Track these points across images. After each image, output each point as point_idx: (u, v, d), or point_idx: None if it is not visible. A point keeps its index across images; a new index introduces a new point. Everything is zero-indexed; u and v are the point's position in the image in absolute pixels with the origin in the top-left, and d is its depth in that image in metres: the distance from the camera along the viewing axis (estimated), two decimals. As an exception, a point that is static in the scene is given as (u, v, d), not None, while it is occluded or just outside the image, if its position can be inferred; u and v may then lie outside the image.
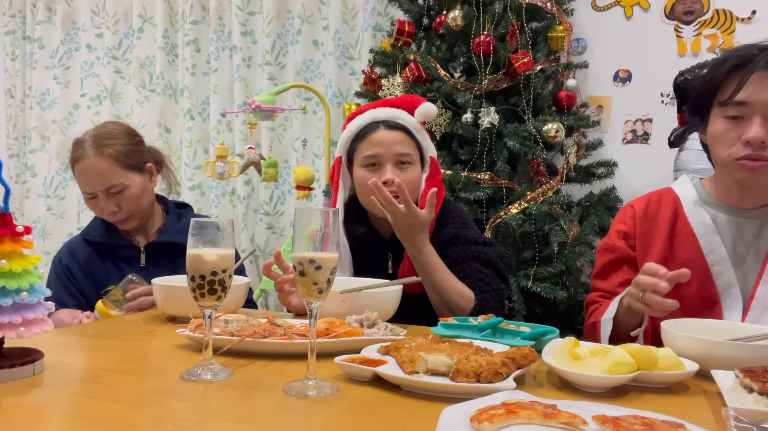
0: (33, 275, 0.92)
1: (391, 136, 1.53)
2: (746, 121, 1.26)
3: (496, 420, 0.66)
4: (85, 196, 1.79)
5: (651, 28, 2.61)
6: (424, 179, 1.58)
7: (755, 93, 1.24)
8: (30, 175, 3.71)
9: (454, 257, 1.50)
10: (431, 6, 2.47)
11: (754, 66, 1.25)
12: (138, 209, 1.79)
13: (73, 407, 0.80)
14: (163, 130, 3.34)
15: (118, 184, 1.73)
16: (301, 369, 0.96)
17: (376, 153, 1.52)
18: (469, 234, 1.54)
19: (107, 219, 1.79)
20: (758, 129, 1.23)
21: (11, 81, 3.83)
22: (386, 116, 1.57)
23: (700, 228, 1.36)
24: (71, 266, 1.78)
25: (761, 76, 1.24)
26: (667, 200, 1.43)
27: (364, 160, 1.54)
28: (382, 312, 1.26)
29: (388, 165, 1.52)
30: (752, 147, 1.24)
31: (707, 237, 1.35)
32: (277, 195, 3.15)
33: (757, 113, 1.24)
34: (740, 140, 1.26)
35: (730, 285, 1.32)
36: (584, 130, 2.45)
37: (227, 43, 3.21)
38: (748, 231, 1.34)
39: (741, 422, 0.71)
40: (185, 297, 1.17)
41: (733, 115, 1.27)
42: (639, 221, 1.45)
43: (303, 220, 0.88)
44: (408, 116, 1.58)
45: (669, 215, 1.41)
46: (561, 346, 0.98)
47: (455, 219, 1.58)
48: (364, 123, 1.58)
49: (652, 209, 1.44)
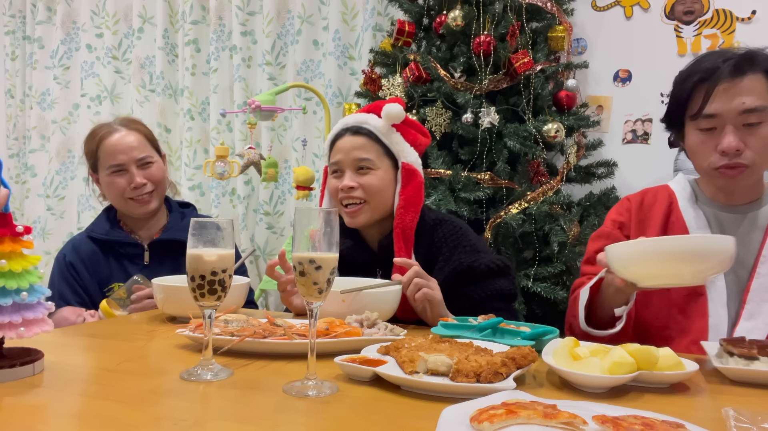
0: (33, 275, 0.92)
1: (353, 141, 1.53)
2: (718, 131, 1.30)
3: (496, 420, 0.66)
4: (111, 173, 1.79)
5: (651, 28, 2.61)
6: (398, 190, 1.52)
7: (723, 104, 1.28)
8: (30, 175, 3.71)
9: (474, 299, 1.45)
10: (431, 6, 2.47)
11: (718, 77, 1.29)
12: (161, 189, 1.86)
13: (73, 407, 0.80)
14: (163, 130, 3.34)
15: (149, 156, 1.82)
16: (301, 369, 0.96)
17: (337, 160, 1.54)
18: (482, 263, 1.46)
19: (131, 194, 1.79)
20: (731, 138, 1.27)
21: (11, 81, 3.83)
22: (353, 122, 1.56)
23: (693, 222, 1.40)
24: (75, 263, 1.79)
25: (726, 87, 1.28)
26: (662, 195, 1.48)
27: (330, 168, 1.57)
28: (382, 312, 1.26)
29: (348, 171, 1.52)
30: (728, 156, 1.29)
31: (699, 230, 1.39)
32: (277, 195, 3.15)
33: (728, 123, 1.28)
34: (716, 150, 1.30)
35: (716, 277, 1.35)
36: (584, 130, 2.45)
37: (227, 43, 3.21)
38: (738, 226, 1.38)
39: (741, 422, 0.71)
40: (185, 297, 1.17)
41: (706, 128, 1.32)
42: (635, 212, 1.48)
43: (303, 220, 0.88)
44: (375, 120, 1.54)
45: (664, 208, 1.45)
46: (561, 346, 0.98)
47: (462, 242, 1.50)
48: (336, 131, 1.59)
49: (648, 201, 1.49)
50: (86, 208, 3.50)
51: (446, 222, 1.55)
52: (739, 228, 1.37)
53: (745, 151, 1.28)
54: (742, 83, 1.27)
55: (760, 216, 1.36)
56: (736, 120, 1.28)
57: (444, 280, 1.43)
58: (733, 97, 1.27)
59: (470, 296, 1.45)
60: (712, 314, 1.33)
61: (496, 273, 1.47)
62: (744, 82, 1.27)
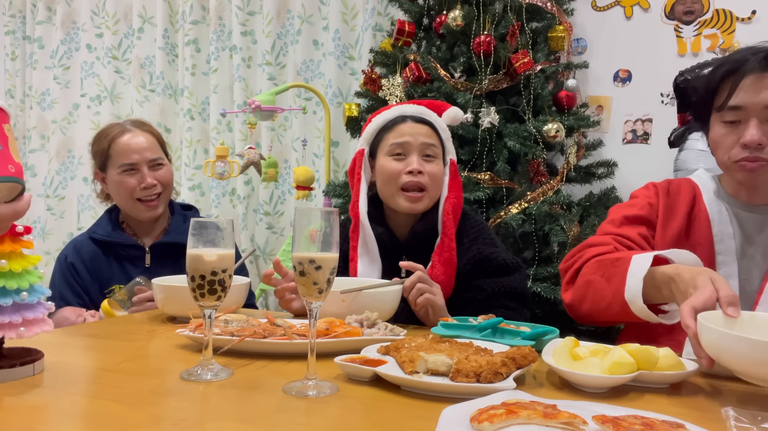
0: (33, 275, 0.92)
1: (419, 128, 1.56)
2: (743, 125, 1.28)
3: (496, 420, 0.66)
4: (121, 171, 1.79)
5: (651, 28, 2.61)
6: (446, 182, 1.58)
7: (749, 97, 1.26)
8: (30, 175, 3.71)
9: (486, 291, 1.48)
10: (431, 6, 2.47)
11: (745, 70, 1.27)
12: (169, 191, 1.87)
13: (73, 407, 0.80)
14: (163, 130, 3.34)
15: (160, 158, 1.84)
16: (301, 369, 0.96)
17: (403, 141, 1.53)
18: (498, 257, 1.51)
19: (140, 195, 1.79)
20: (754, 132, 1.25)
21: (11, 81, 3.83)
22: (414, 111, 1.59)
23: (716, 216, 1.37)
24: (76, 264, 1.79)
25: (754, 80, 1.26)
26: (686, 187, 1.45)
27: (390, 149, 1.55)
28: (382, 312, 1.26)
29: (414, 155, 1.53)
30: (750, 149, 1.26)
31: (721, 225, 1.36)
32: (277, 195, 3.15)
33: (753, 116, 1.26)
34: (738, 143, 1.28)
35: (729, 276, 1.33)
36: (584, 130, 2.45)
37: (227, 43, 3.21)
38: (757, 227, 1.36)
39: (741, 422, 0.71)
40: (185, 297, 1.17)
41: (730, 120, 1.30)
42: (662, 197, 1.45)
43: (303, 220, 0.88)
44: (435, 115, 1.61)
45: (689, 199, 1.42)
46: (561, 346, 0.98)
47: (483, 235, 1.57)
48: (391, 116, 1.59)
49: (673, 189, 1.46)
50: (86, 208, 3.50)
51: (469, 217, 1.62)
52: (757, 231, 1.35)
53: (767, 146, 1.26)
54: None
55: None
56: (762, 114, 1.25)
57: (462, 268, 1.47)
58: (760, 91, 1.25)
59: (483, 288, 1.49)
60: None
61: (512, 269, 1.51)
62: None
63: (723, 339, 0.84)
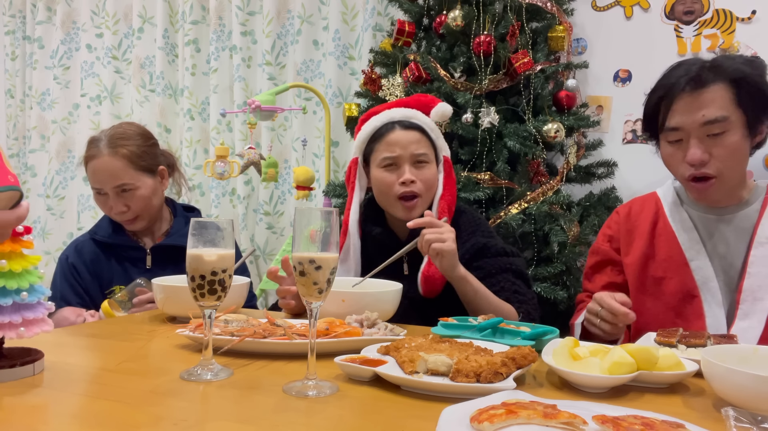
0: (33, 275, 0.92)
1: (407, 136, 1.56)
2: (685, 143, 1.35)
3: (496, 420, 0.66)
4: (95, 193, 1.80)
5: (651, 28, 2.61)
6: (441, 180, 1.60)
7: (684, 118, 1.33)
8: (30, 175, 3.71)
9: (488, 269, 1.52)
10: (431, 6, 2.47)
11: (675, 93, 1.34)
12: (146, 210, 1.81)
13: (73, 407, 0.80)
14: (163, 130, 3.34)
15: (128, 184, 1.76)
16: (301, 369, 0.96)
17: (396, 155, 1.55)
18: (497, 245, 1.57)
19: (115, 218, 1.80)
20: (695, 150, 1.32)
21: (11, 81, 3.82)
22: (401, 116, 1.59)
23: (679, 225, 1.44)
24: (77, 265, 1.79)
25: (687, 100, 1.33)
26: (649, 203, 1.52)
27: (381, 161, 1.56)
28: (382, 312, 1.26)
29: (406, 165, 1.55)
30: (695, 167, 1.34)
31: (686, 233, 1.42)
32: (277, 195, 3.15)
33: (692, 135, 1.33)
34: (684, 161, 1.36)
35: (708, 278, 1.37)
36: (584, 130, 2.44)
37: (227, 43, 3.21)
38: (725, 228, 1.40)
39: (741, 422, 0.71)
40: (185, 297, 1.17)
41: (673, 140, 1.37)
42: (623, 223, 1.54)
43: (303, 220, 0.88)
44: (423, 116, 1.61)
45: (651, 216, 1.49)
46: (561, 346, 0.98)
47: (481, 228, 1.61)
48: (379, 124, 1.59)
49: (635, 211, 1.54)
50: (86, 208, 3.50)
51: (467, 212, 1.66)
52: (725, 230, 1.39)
53: (710, 162, 1.32)
54: (702, 96, 1.31)
55: (745, 218, 1.39)
56: (699, 132, 1.32)
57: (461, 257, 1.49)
58: (694, 110, 1.31)
59: (483, 268, 1.52)
60: (708, 315, 1.34)
61: (510, 255, 1.56)
62: (704, 94, 1.31)
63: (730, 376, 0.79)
